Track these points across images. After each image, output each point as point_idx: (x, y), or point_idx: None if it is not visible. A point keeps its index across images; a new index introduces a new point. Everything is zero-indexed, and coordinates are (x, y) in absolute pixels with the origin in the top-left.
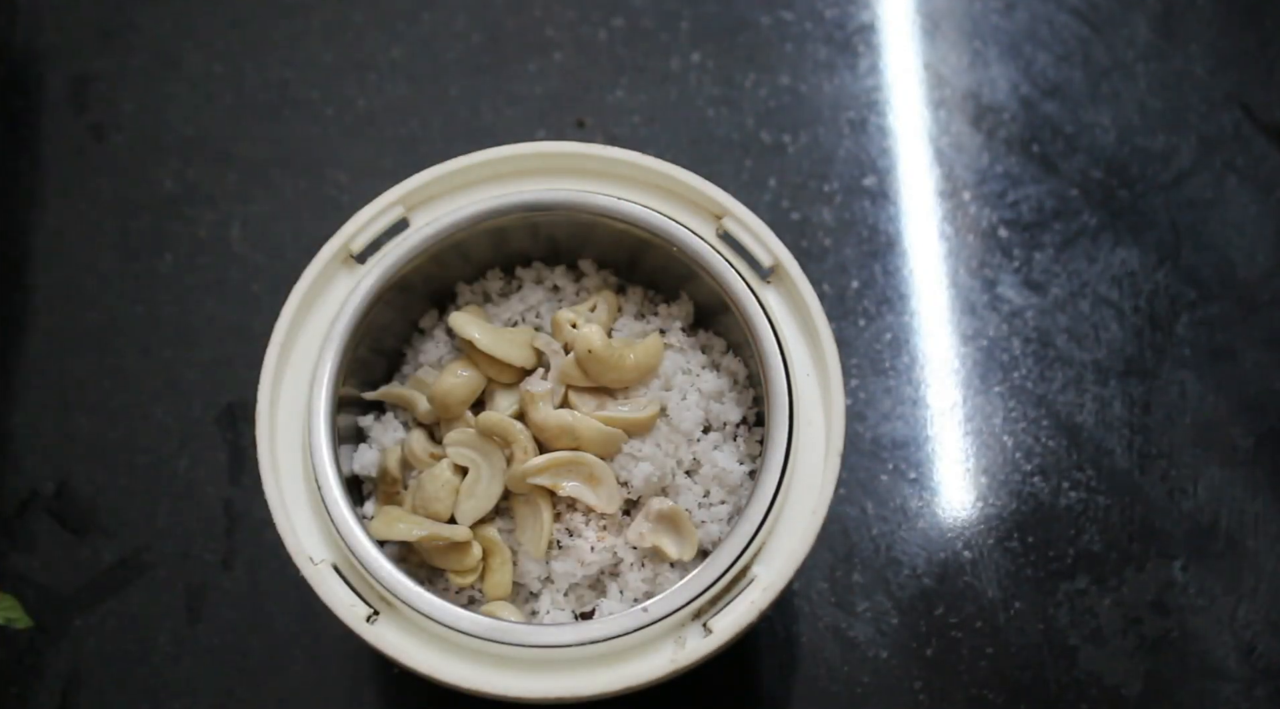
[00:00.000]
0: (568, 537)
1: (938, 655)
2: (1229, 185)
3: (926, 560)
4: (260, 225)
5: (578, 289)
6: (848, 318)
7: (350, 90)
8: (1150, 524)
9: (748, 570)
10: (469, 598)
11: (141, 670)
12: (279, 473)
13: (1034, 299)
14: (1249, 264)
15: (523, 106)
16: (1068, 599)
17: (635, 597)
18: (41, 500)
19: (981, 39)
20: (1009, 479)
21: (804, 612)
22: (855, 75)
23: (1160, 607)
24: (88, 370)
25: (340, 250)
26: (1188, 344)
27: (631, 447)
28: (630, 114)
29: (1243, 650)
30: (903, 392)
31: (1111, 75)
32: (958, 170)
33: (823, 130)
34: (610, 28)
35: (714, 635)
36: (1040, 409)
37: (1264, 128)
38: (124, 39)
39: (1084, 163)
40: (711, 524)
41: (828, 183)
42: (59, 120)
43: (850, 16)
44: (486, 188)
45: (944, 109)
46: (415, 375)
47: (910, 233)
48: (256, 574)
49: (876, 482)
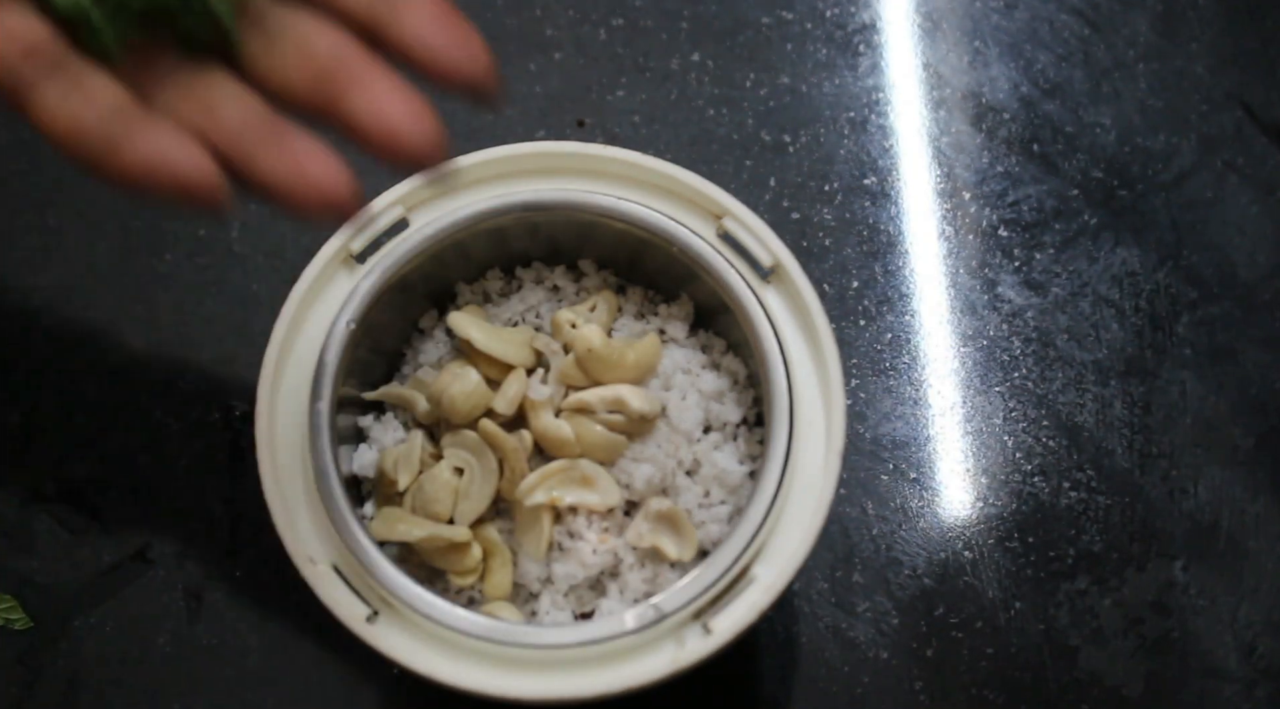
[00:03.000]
0: (569, 539)
1: (938, 656)
2: (1230, 185)
3: (927, 560)
4: (260, 225)
5: (578, 289)
6: (848, 318)
7: None
8: (1151, 524)
9: (748, 571)
10: (469, 598)
11: (141, 670)
12: (279, 473)
13: (1034, 299)
14: (1250, 264)
15: (523, 106)
16: (1068, 599)
17: (635, 597)
18: (41, 500)
19: (982, 39)
20: (1009, 479)
21: (804, 612)
22: (855, 75)
23: (1161, 607)
24: (88, 370)
25: (340, 250)
26: (1188, 344)
27: (632, 448)
28: (630, 114)
29: (1244, 651)
30: (903, 391)
31: (1112, 75)
32: (958, 170)
33: (823, 130)
34: (610, 28)
35: (714, 636)
36: (1041, 409)
37: (1265, 128)
38: None
39: (1084, 163)
40: (711, 524)
41: (828, 182)
42: None
43: (850, 16)
44: (486, 188)
45: (944, 109)
46: (415, 376)
47: (910, 233)
48: (256, 574)
49: (877, 481)
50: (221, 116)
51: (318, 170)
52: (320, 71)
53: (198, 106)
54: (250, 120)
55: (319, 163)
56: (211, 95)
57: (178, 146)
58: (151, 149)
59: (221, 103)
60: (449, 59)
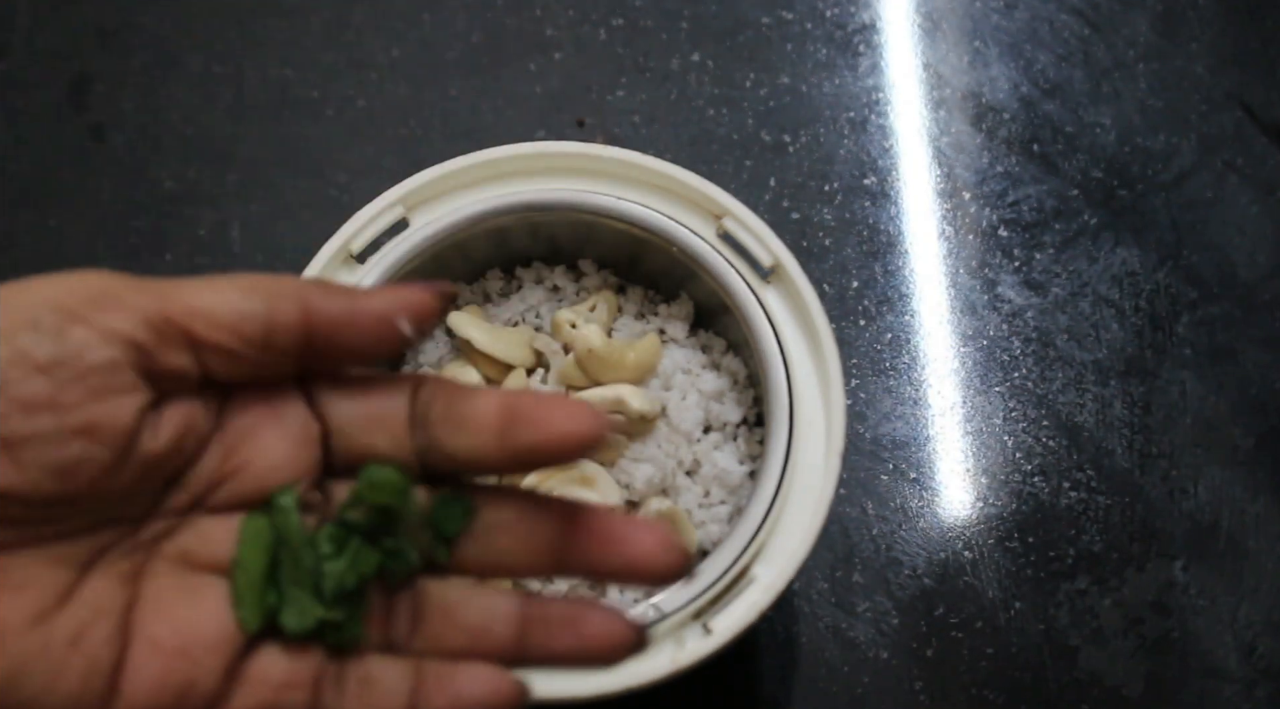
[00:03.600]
0: None
1: (938, 656)
2: (1229, 185)
3: (927, 560)
4: (260, 225)
5: (578, 289)
6: (848, 318)
7: (350, 90)
8: (1151, 524)
9: (748, 571)
10: None
11: None
12: None
13: (1034, 299)
14: (1249, 264)
15: (523, 106)
16: (1068, 599)
17: (635, 597)
18: None
19: (982, 39)
20: (1009, 479)
21: (804, 612)
22: (855, 75)
23: (1161, 607)
24: None
25: (340, 250)
26: (1188, 344)
27: (632, 448)
28: (630, 114)
29: (1243, 651)
30: (903, 391)
31: (1112, 75)
32: (958, 170)
33: (823, 130)
34: (610, 28)
35: (714, 636)
36: (1041, 409)
37: (1265, 128)
38: (124, 39)
39: (1084, 163)
40: (711, 524)
41: (828, 183)
42: (59, 120)
43: (850, 16)
44: (486, 188)
45: (944, 109)
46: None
47: (910, 233)
48: None
49: (876, 481)
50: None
51: (598, 627)
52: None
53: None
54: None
55: (600, 621)
56: (472, 617)
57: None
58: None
59: (490, 623)
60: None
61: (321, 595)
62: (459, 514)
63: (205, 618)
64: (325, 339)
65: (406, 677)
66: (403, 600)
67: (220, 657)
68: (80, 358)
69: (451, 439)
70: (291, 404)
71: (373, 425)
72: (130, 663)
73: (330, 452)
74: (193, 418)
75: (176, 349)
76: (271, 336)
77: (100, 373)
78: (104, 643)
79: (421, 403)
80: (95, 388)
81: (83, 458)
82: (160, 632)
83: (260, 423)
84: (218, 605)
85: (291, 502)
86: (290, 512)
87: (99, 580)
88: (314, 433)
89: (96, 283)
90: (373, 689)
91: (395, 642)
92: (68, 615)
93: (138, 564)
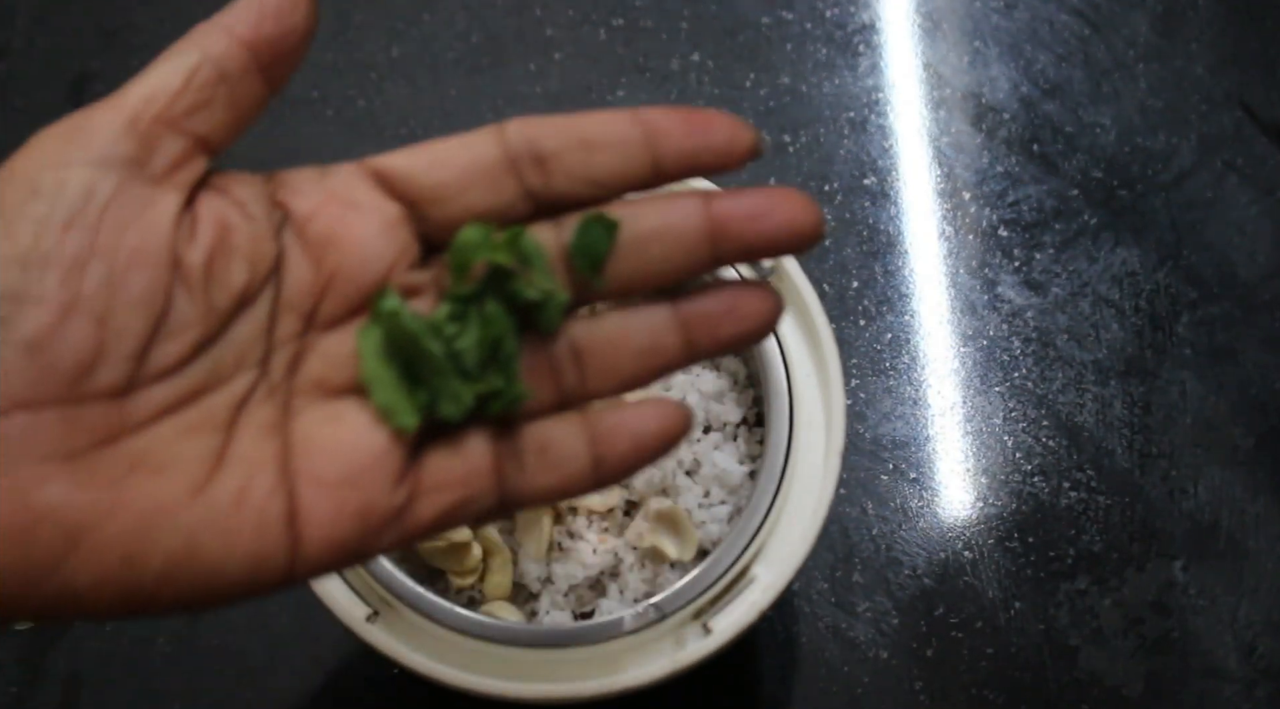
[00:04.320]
0: (568, 539)
1: (938, 656)
2: (1229, 185)
3: (927, 560)
4: None
5: None
6: (848, 318)
7: (350, 90)
8: (1150, 524)
9: (748, 571)
10: (469, 598)
11: (141, 670)
12: None
13: (1034, 299)
14: (1249, 264)
15: (523, 106)
16: (1068, 599)
17: (635, 597)
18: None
19: (982, 39)
20: (1009, 479)
21: (804, 612)
22: (855, 75)
23: (1161, 607)
24: None
25: None
26: (1188, 344)
27: None
28: None
29: (1243, 651)
30: (903, 391)
31: (1112, 75)
32: (958, 170)
33: (823, 130)
34: (610, 28)
35: (714, 636)
36: (1040, 409)
37: (1264, 128)
38: (124, 39)
39: (1084, 163)
40: (711, 524)
41: (828, 183)
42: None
43: (850, 16)
44: None
45: (944, 109)
46: None
47: (910, 233)
48: None
49: (876, 481)
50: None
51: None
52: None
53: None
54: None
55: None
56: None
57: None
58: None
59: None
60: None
61: (467, 373)
62: (605, 234)
63: (359, 440)
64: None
65: (581, 431)
66: (561, 350)
67: (387, 473)
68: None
69: (585, 164)
70: (361, 192)
71: (461, 184)
72: (302, 507)
73: (427, 225)
74: (224, 216)
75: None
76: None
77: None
78: (269, 495)
79: (516, 142)
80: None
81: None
82: (320, 468)
83: (336, 223)
84: (368, 425)
85: (395, 303)
86: (398, 312)
87: (245, 437)
88: (393, 214)
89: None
90: (552, 453)
91: (568, 393)
92: (225, 479)
93: (278, 409)
